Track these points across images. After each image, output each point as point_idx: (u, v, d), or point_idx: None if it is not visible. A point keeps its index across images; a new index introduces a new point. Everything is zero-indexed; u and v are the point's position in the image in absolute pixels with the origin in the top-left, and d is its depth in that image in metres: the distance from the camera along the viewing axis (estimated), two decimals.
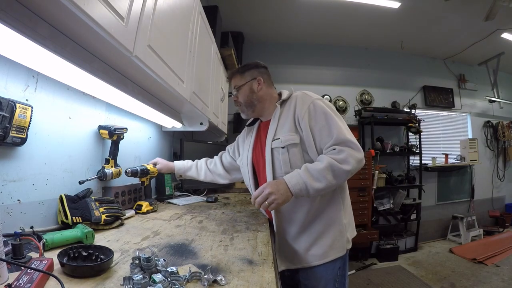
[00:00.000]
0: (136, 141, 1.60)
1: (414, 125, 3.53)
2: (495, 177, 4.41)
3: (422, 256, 3.34)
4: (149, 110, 1.25)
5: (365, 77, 3.89)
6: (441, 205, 4.03)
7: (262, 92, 1.15)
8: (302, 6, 2.95)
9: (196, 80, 1.48)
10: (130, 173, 1.31)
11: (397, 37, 3.62)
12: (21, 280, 0.50)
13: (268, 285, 0.60)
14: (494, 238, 3.74)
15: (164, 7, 0.97)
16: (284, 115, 1.09)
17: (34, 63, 0.70)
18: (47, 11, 0.57)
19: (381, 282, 2.68)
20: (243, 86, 1.16)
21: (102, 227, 0.97)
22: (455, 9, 2.90)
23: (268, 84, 1.19)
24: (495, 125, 4.37)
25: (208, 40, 1.81)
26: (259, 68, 1.19)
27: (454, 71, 4.29)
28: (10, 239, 0.65)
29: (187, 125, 1.88)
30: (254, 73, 1.16)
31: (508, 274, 2.70)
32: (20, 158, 0.81)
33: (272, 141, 1.07)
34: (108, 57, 0.82)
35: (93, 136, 1.17)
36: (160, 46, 0.95)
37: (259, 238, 0.96)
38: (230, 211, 1.45)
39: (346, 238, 1.06)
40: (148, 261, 0.61)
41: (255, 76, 1.15)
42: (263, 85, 1.15)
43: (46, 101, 0.90)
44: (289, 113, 1.07)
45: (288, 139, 1.02)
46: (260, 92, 1.15)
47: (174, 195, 1.85)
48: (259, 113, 1.19)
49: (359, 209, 3.06)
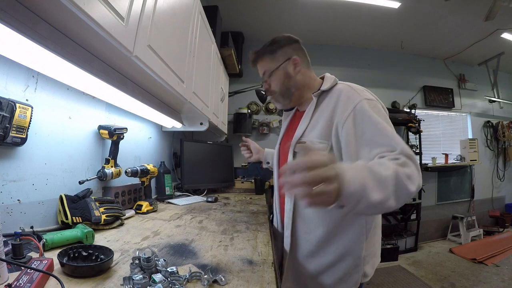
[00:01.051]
0: (136, 141, 1.60)
1: (414, 125, 3.53)
2: (495, 177, 4.40)
3: (422, 256, 3.34)
4: (149, 110, 1.25)
5: (365, 77, 3.89)
6: (441, 205, 4.03)
7: (301, 76, 0.92)
8: (302, 6, 2.95)
9: (196, 80, 1.48)
10: (130, 173, 1.31)
11: (397, 37, 3.61)
12: (21, 280, 0.50)
13: (268, 285, 0.61)
14: (494, 238, 3.74)
15: (164, 7, 0.97)
16: (319, 112, 0.87)
17: (34, 63, 0.70)
18: (47, 11, 0.57)
19: (381, 282, 2.68)
20: (276, 71, 0.92)
21: (102, 227, 0.97)
22: (455, 9, 2.90)
23: (306, 64, 0.95)
24: (495, 125, 4.36)
25: (208, 40, 1.81)
26: (293, 43, 0.94)
27: (454, 71, 4.29)
28: (10, 239, 0.65)
29: (187, 125, 1.88)
30: (288, 51, 0.92)
31: (508, 274, 2.70)
32: (20, 158, 0.81)
33: (296, 143, 0.89)
34: (108, 57, 0.82)
35: (93, 136, 1.18)
36: (160, 46, 0.95)
37: (259, 238, 0.96)
38: (230, 211, 1.45)
39: (362, 273, 0.86)
40: (148, 261, 0.61)
41: (290, 55, 0.92)
42: (300, 67, 0.92)
43: (46, 101, 0.90)
44: (326, 112, 0.84)
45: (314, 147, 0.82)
46: (298, 75, 0.92)
47: (174, 195, 1.85)
48: (297, 101, 0.98)
49: None
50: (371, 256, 0.89)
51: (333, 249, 0.84)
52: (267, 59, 0.95)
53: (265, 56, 0.95)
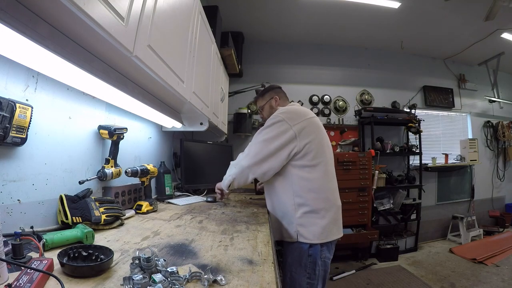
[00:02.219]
0: (136, 141, 1.60)
1: (414, 125, 3.53)
2: (495, 177, 4.41)
3: (422, 256, 3.34)
4: (149, 110, 1.25)
5: (365, 77, 3.89)
6: (441, 205, 4.03)
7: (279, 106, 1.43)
8: (302, 6, 2.95)
9: (196, 80, 1.48)
10: (130, 173, 1.31)
11: (397, 37, 3.61)
12: (21, 280, 0.50)
13: (268, 285, 0.60)
14: (494, 238, 3.74)
15: (164, 7, 0.97)
16: None
17: (34, 63, 0.70)
18: (47, 11, 0.58)
19: (381, 282, 2.68)
20: (265, 105, 1.50)
21: (102, 227, 0.97)
22: (455, 9, 2.90)
23: (284, 99, 1.50)
24: (495, 125, 4.36)
25: (208, 40, 1.81)
26: (275, 89, 1.52)
27: (454, 71, 4.29)
28: (10, 239, 0.65)
29: (187, 125, 1.88)
30: (271, 93, 1.49)
31: (508, 274, 2.70)
32: (20, 158, 0.81)
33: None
34: (108, 57, 0.82)
35: (93, 136, 1.18)
36: (160, 46, 0.95)
37: (259, 238, 0.96)
38: (230, 211, 1.45)
39: (296, 230, 1.24)
40: (148, 261, 0.61)
41: (272, 95, 1.48)
42: (279, 101, 1.48)
43: (46, 101, 0.90)
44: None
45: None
46: (277, 106, 1.44)
47: (174, 195, 1.85)
48: None
49: (359, 209, 3.07)
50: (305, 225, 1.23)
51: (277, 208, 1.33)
52: (260, 99, 1.55)
53: (259, 97, 1.55)
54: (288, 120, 1.24)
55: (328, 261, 1.28)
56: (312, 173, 1.24)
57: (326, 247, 1.25)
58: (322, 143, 1.30)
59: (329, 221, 1.24)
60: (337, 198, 1.33)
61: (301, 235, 1.23)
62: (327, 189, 1.27)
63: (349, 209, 3.00)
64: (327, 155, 1.31)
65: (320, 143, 1.28)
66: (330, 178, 1.30)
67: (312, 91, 3.74)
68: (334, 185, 1.33)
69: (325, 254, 1.25)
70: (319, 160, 1.25)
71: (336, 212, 1.28)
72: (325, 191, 1.26)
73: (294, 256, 1.25)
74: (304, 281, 1.22)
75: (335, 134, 3.68)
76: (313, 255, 1.22)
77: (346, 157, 3.05)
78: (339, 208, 1.32)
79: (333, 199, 1.29)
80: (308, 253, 1.22)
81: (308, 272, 1.22)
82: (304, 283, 1.22)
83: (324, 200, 1.25)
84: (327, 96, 3.74)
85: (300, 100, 3.69)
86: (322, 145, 1.29)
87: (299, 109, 1.36)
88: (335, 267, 3.00)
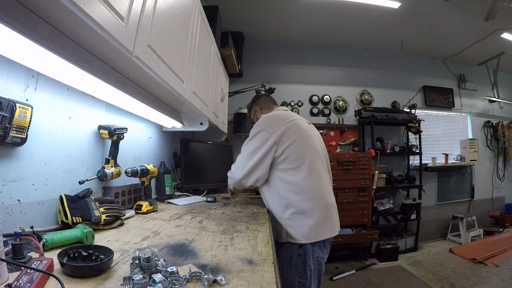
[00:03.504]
0: (136, 141, 1.60)
1: (414, 125, 3.53)
2: (495, 177, 4.40)
3: (422, 256, 3.34)
4: (149, 110, 1.25)
5: (365, 77, 3.89)
6: (441, 205, 4.03)
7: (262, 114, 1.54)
8: (302, 6, 2.95)
9: (196, 80, 1.48)
10: (130, 173, 1.31)
11: (397, 37, 3.61)
12: (21, 280, 0.50)
13: (268, 285, 0.60)
14: (494, 238, 3.74)
15: (164, 7, 0.97)
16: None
17: (34, 63, 0.70)
18: (47, 11, 0.57)
19: (381, 282, 2.68)
20: (253, 118, 1.66)
21: (102, 227, 0.97)
22: (455, 9, 2.90)
23: (267, 107, 1.60)
24: (495, 125, 4.36)
25: (208, 40, 1.81)
26: (257, 100, 1.66)
27: (454, 71, 4.29)
28: (10, 239, 0.65)
29: (187, 125, 1.88)
30: (254, 107, 1.65)
31: (508, 274, 2.70)
32: (20, 158, 0.81)
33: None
34: (108, 57, 0.82)
35: (93, 136, 1.18)
36: (160, 46, 0.95)
37: (259, 238, 0.96)
38: (230, 211, 1.45)
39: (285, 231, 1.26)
40: (148, 261, 0.61)
41: (255, 108, 1.64)
42: (262, 110, 1.60)
43: (46, 101, 0.90)
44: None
45: None
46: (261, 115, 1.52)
47: (174, 195, 1.85)
48: None
49: (359, 209, 3.07)
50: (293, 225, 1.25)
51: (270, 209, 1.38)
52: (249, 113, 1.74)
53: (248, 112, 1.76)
54: (267, 128, 1.29)
55: (322, 260, 1.28)
56: (295, 175, 1.24)
57: (318, 247, 1.25)
58: (305, 144, 1.28)
59: (317, 220, 1.23)
60: (327, 197, 1.29)
61: (290, 236, 1.25)
62: (312, 190, 1.25)
63: (349, 209, 3.00)
64: (312, 155, 1.29)
65: (302, 144, 1.27)
66: (316, 178, 1.27)
67: (312, 91, 3.74)
68: (321, 184, 1.29)
69: (317, 254, 1.25)
70: (300, 162, 1.25)
71: (324, 211, 1.25)
72: (309, 191, 1.25)
73: (285, 256, 1.26)
74: (296, 280, 1.24)
75: (335, 134, 3.68)
76: (303, 255, 1.23)
77: (346, 157, 3.05)
78: (330, 206, 1.29)
79: (320, 198, 1.26)
80: (298, 253, 1.23)
81: (299, 272, 1.24)
82: (296, 282, 1.24)
83: (309, 201, 1.24)
84: (327, 96, 3.74)
85: (300, 100, 3.69)
86: (304, 146, 1.28)
87: (279, 114, 1.40)
88: (335, 267, 3.00)
